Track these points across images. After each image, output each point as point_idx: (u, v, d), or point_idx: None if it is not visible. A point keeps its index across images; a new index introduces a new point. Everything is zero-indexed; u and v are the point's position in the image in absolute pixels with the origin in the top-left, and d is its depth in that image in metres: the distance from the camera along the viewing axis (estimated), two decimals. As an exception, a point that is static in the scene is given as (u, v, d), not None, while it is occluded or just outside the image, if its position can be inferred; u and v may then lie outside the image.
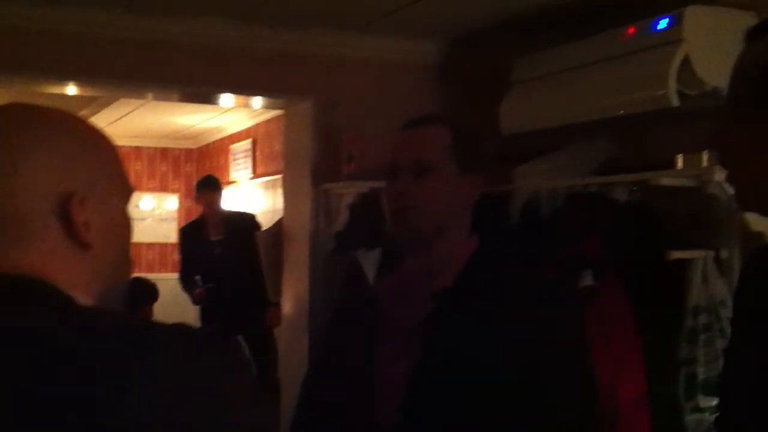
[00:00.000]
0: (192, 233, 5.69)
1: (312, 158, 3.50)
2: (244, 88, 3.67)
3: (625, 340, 2.75)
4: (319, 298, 3.35)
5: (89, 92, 4.62)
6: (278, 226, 3.86)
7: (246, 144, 7.11)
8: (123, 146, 8.21)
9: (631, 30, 2.77)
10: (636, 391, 2.70)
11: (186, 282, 5.75)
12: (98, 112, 5.81)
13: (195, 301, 5.64)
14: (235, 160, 7.33)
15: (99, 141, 0.97)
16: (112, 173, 0.97)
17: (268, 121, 6.64)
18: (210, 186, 5.47)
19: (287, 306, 3.64)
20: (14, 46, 3.22)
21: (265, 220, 5.49)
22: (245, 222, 5.38)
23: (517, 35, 3.31)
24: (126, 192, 1.00)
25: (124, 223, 0.99)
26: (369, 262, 3.07)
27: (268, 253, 3.94)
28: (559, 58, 3.11)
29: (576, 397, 1.64)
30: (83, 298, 0.90)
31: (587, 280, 2.75)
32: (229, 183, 7.32)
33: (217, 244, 5.40)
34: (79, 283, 0.91)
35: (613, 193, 2.90)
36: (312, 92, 3.55)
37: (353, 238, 3.24)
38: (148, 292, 4.40)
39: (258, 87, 3.61)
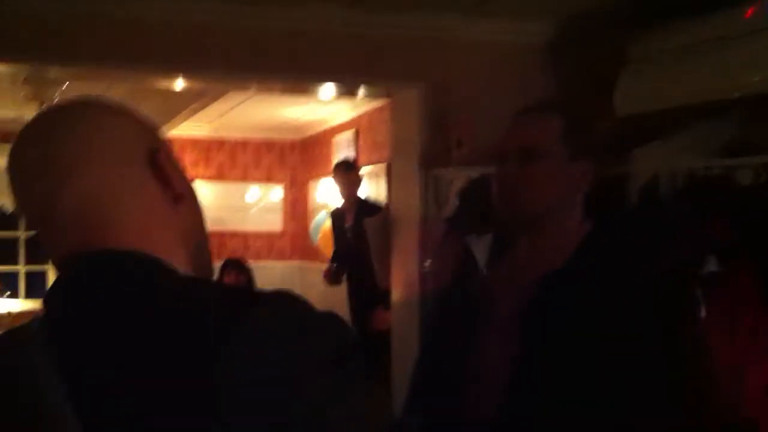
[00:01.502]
0: (336, 217, 5.58)
1: (420, 144, 3.48)
2: (351, 75, 3.67)
3: (752, 328, 2.63)
4: (429, 285, 3.34)
5: (196, 84, 4.72)
6: (386, 213, 3.85)
7: (349, 134, 7.16)
8: (231, 138, 8.40)
9: (751, 10, 2.66)
10: (764, 380, 2.59)
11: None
12: (207, 105, 5.94)
13: (324, 276, 5.49)
14: (338, 150, 7.39)
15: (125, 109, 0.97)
16: (153, 129, 0.97)
17: (371, 112, 6.66)
18: (339, 168, 5.32)
19: (396, 292, 3.63)
20: (126, 39, 3.30)
21: (372, 209, 5.51)
22: (374, 209, 5.04)
23: (633, 13, 3.20)
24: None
25: (185, 173, 0.98)
26: (480, 247, 3.03)
27: (376, 241, 3.95)
28: (677, 36, 3.00)
29: (684, 395, 1.58)
30: (180, 264, 0.89)
31: (712, 265, 2.64)
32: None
33: (348, 230, 5.27)
34: (171, 244, 0.90)
35: (738, 176, 2.78)
36: (420, 77, 3.53)
37: (464, 224, 3.21)
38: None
39: (366, 74, 3.61)
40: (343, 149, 7.27)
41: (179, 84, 4.07)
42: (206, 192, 8.32)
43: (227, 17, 3.34)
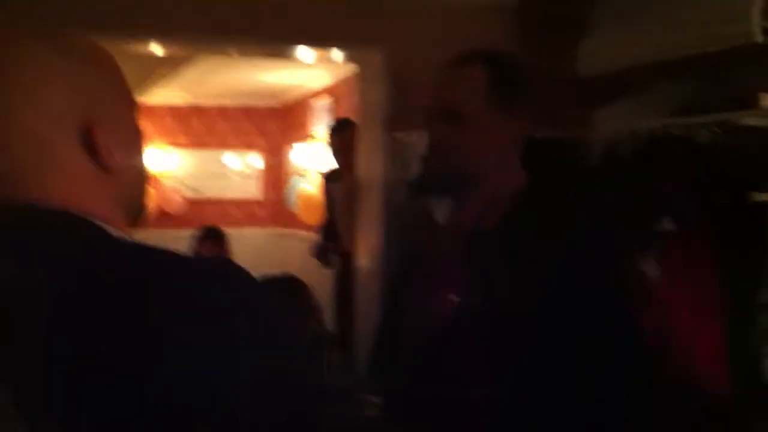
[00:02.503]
0: (329, 182, 5.07)
1: (384, 109, 3.47)
2: (316, 40, 3.65)
3: (706, 286, 2.66)
4: (392, 248, 3.35)
5: (171, 51, 4.68)
6: (353, 177, 3.85)
7: (327, 100, 7.13)
8: (208, 106, 8.36)
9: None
10: (715, 337, 2.62)
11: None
12: (175, 71, 5.89)
13: (310, 253, 5.35)
14: (316, 116, 7.37)
15: (104, 59, 0.96)
16: (121, 90, 0.96)
17: (348, 78, 6.63)
18: (332, 128, 4.82)
19: (361, 256, 3.64)
20: (91, 2, 3.27)
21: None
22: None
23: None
24: (133, 104, 0.99)
25: (137, 139, 0.99)
26: (439, 210, 3.04)
27: (342, 205, 3.95)
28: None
29: (620, 351, 1.59)
30: (112, 225, 0.90)
31: (667, 224, 2.66)
32: (311, 139, 7.37)
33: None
34: (105, 210, 0.90)
35: (696, 135, 2.79)
36: (383, 42, 3.51)
37: (425, 187, 3.21)
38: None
39: (329, 38, 3.58)
40: (321, 115, 7.25)
41: (154, 49, 4.02)
42: (184, 160, 8.30)
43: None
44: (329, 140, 4.76)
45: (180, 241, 5.75)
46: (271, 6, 3.39)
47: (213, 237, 5.46)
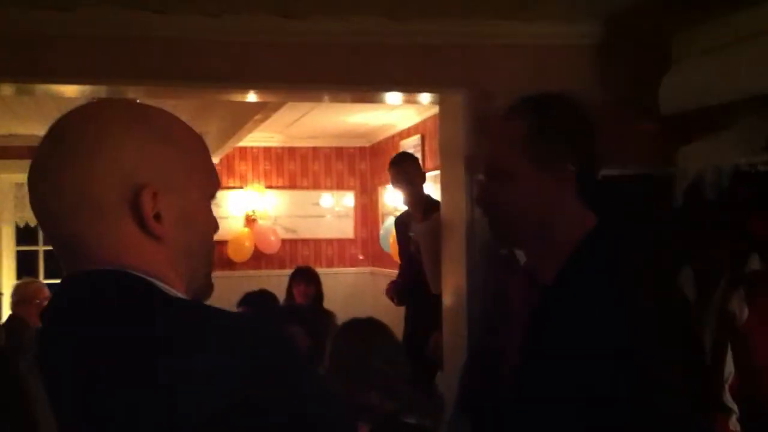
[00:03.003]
0: (399, 225, 4.90)
1: (466, 149, 3.51)
2: (401, 84, 3.73)
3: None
4: (477, 289, 3.36)
5: (266, 98, 4.87)
6: (437, 218, 3.89)
7: (415, 139, 7.21)
8: (302, 147, 8.56)
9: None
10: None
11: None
12: (270, 116, 6.08)
13: (386, 294, 5.02)
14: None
15: (180, 134, 1.01)
16: (188, 165, 0.99)
17: (436, 116, 6.70)
18: (392, 164, 4.60)
19: (447, 298, 3.67)
20: (195, 56, 3.44)
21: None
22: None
23: (676, 11, 3.16)
24: (208, 186, 1.02)
25: (200, 216, 1.01)
26: (521, 254, 3.04)
27: (427, 247, 3.98)
28: (720, 31, 2.95)
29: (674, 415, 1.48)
30: (168, 285, 0.95)
31: (754, 263, 2.59)
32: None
33: (413, 239, 4.55)
34: (164, 272, 0.95)
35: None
36: (465, 83, 3.56)
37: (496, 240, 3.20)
38: None
39: (415, 83, 3.66)
40: (410, 154, 7.33)
41: (251, 98, 4.21)
42: (279, 200, 8.51)
43: (286, 34, 3.46)
44: (390, 173, 4.68)
45: (275, 279, 5.90)
46: (361, 57, 3.49)
47: (304, 277, 5.56)
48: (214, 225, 1.04)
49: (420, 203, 4.49)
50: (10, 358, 0.91)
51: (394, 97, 4.05)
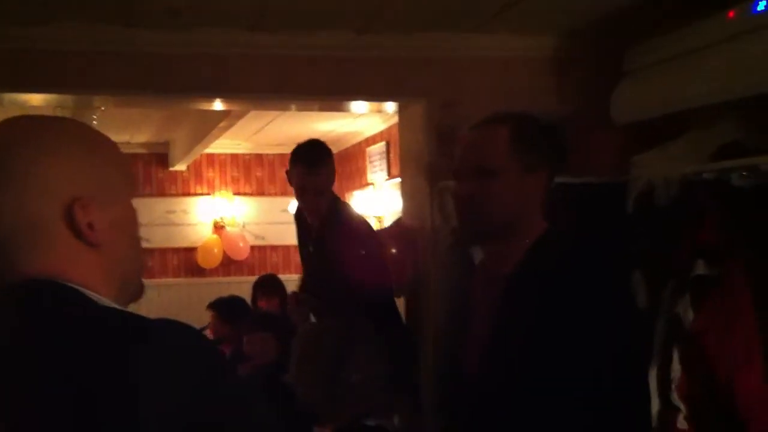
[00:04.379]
0: (299, 224, 3.93)
1: (425, 158, 3.60)
2: (365, 94, 3.81)
3: (744, 331, 2.68)
4: (439, 291, 3.44)
5: (234, 107, 4.92)
6: (397, 225, 3.96)
7: (381, 146, 7.30)
8: (269, 153, 8.61)
9: (731, 13, 2.71)
10: (756, 382, 2.63)
11: None
12: (235, 123, 6.14)
13: (288, 311, 4.26)
14: (371, 162, 7.54)
15: (100, 145, 1.06)
16: (113, 175, 1.04)
17: (401, 123, 6.80)
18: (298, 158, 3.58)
19: (411, 302, 3.75)
20: (162, 68, 3.50)
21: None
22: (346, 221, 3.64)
23: (628, 25, 3.27)
24: (128, 190, 1.08)
25: (128, 220, 1.07)
26: (477, 255, 3.13)
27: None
28: (669, 44, 3.06)
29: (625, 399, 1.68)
30: (102, 293, 0.99)
31: (700, 268, 2.70)
32: (367, 185, 7.54)
33: (311, 246, 3.76)
34: (95, 281, 1.00)
35: (731, 179, 2.83)
36: (425, 93, 3.65)
37: (463, 237, 3.29)
38: None
39: (375, 92, 3.74)
40: (376, 161, 7.42)
41: (217, 106, 4.26)
42: (248, 207, 8.55)
43: (256, 47, 3.52)
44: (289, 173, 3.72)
45: (245, 285, 5.94)
46: (326, 67, 3.57)
47: (267, 289, 5.55)
48: (137, 227, 1.10)
49: (324, 209, 3.60)
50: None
51: (359, 106, 4.13)
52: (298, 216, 3.86)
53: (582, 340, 1.64)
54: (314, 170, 3.49)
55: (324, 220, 3.59)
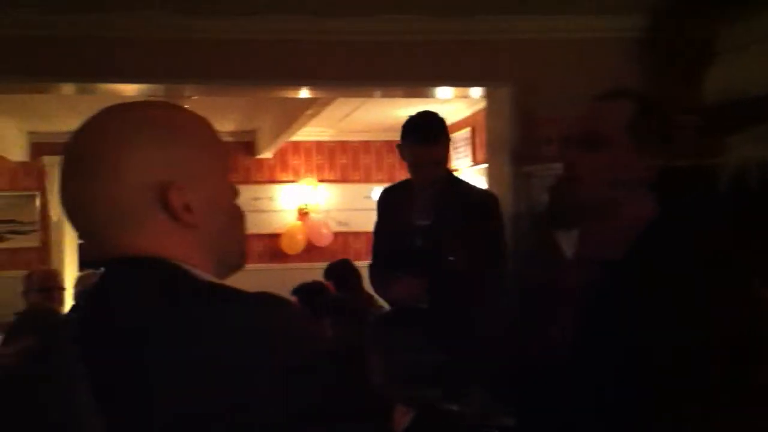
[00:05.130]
0: (394, 204, 3.52)
1: (512, 142, 3.58)
2: (454, 80, 3.81)
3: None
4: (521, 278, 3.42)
5: (319, 95, 4.99)
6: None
7: (465, 132, 7.27)
8: (353, 141, 8.67)
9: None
10: None
11: None
12: (321, 110, 6.20)
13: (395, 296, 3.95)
14: (456, 148, 7.51)
15: (192, 126, 1.06)
16: (204, 154, 1.05)
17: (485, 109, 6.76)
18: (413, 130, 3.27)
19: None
20: (248, 56, 3.58)
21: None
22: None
23: (719, 4, 3.18)
24: (221, 167, 1.08)
25: (224, 194, 1.08)
26: (567, 242, 3.08)
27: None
28: (762, 25, 2.97)
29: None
30: (202, 270, 1.02)
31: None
32: (452, 171, 7.51)
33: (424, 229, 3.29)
34: (193, 257, 1.03)
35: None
36: (510, 77, 3.63)
37: (552, 219, 3.26)
38: None
39: (461, 77, 3.74)
40: (460, 147, 7.40)
41: (303, 94, 4.33)
42: (331, 194, 8.64)
43: (341, 34, 3.56)
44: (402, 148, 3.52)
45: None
46: (411, 53, 3.58)
47: (339, 271, 5.60)
48: (236, 199, 1.11)
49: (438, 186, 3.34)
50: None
51: (444, 92, 4.13)
52: (388, 200, 3.59)
53: (707, 337, 1.55)
54: (432, 141, 3.25)
55: (443, 194, 3.28)
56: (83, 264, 1.15)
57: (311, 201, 8.53)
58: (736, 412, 1.61)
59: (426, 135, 3.25)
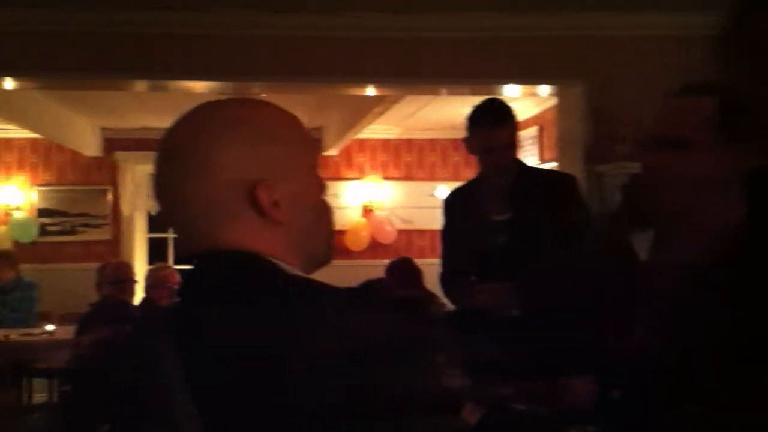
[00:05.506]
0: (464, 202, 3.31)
1: (584, 141, 3.51)
2: (522, 78, 3.76)
3: None
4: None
5: (384, 93, 4.98)
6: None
7: (533, 131, 7.19)
8: (419, 138, 8.65)
9: None
10: None
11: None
12: (389, 108, 6.19)
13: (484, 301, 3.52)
14: (522, 146, 7.43)
15: (281, 124, 1.08)
16: (292, 150, 1.07)
17: (554, 107, 6.65)
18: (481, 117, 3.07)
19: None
20: (316, 53, 3.59)
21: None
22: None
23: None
24: (308, 161, 1.09)
25: (312, 189, 1.09)
26: (642, 244, 3.00)
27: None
28: None
29: None
30: (289, 266, 1.03)
31: None
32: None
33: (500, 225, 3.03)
34: (282, 252, 1.04)
35: None
36: (582, 75, 3.56)
37: (626, 219, 3.18)
38: None
39: (529, 74, 3.68)
40: (527, 145, 7.31)
41: (369, 92, 4.33)
42: (396, 191, 8.64)
43: (406, 31, 3.54)
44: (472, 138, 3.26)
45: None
46: (478, 50, 3.54)
47: (399, 269, 5.59)
48: (324, 194, 1.12)
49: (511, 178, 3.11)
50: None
51: (512, 89, 4.08)
52: (456, 199, 3.33)
53: None
54: (500, 123, 3.04)
55: (518, 183, 3.04)
56: (179, 260, 1.16)
57: (376, 198, 8.54)
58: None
59: (494, 118, 3.07)
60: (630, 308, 1.80)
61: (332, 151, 8.49)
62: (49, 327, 6.53)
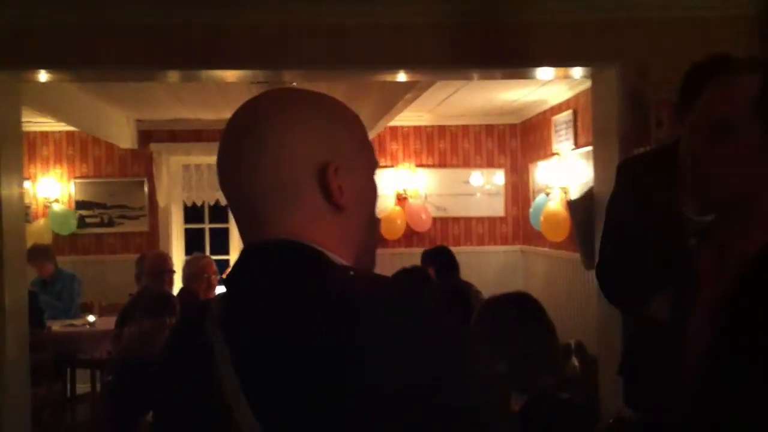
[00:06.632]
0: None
1: (620, 125, 3.45)
2: (548, 60, 3.71)
3: None
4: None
5: (416, 78, 4.95)
6: (590, 193, 3.84)
7: (567, 115, 7.10)
8: (452, 125, 8.61)
9: None
10: None
11: None
12: (420, 94, 6.16)
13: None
14: (557, 131, 7.36)
15: (347, 116, 1.11)
16: (358, 145, 1.09)
17: (587, 91, 6.57)
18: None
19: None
20: (347, 40, 3.58)
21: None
22: None
23: None
24: (371, 162, 1.12)
25: (370, 190, 1.11)
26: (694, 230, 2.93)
27: (580, 222, 3.94)
28: None
29: None
30: (339, 257, 1.03)
31: None
32: (552, 155, 7.37)
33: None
34: (332, 243, 1.04)
35: None
36: (618, 58, 3.50)
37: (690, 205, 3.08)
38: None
39: (563, 57, 3.63)
40: (561, 130, 7.24)
41: (401, 77, 4.30)
42: (430, 179, 8.61)
43: (436, 16, 3.51)
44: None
45: (426, 257, 5.98)
46: (511, 34, 3.50)
47: (434, 256, 5.60)
48: (377, 198, 1.13)
49: None
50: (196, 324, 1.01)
51: (545, 73, 4.03)
52: (638, 173, 2.79)
53: None
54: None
55: None
56: (249, 249, 1.15)
57: (410, 186, 8.52)
58: None
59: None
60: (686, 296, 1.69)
61: (365, 140, 8.49)
62: (91, 318, 6.63)
